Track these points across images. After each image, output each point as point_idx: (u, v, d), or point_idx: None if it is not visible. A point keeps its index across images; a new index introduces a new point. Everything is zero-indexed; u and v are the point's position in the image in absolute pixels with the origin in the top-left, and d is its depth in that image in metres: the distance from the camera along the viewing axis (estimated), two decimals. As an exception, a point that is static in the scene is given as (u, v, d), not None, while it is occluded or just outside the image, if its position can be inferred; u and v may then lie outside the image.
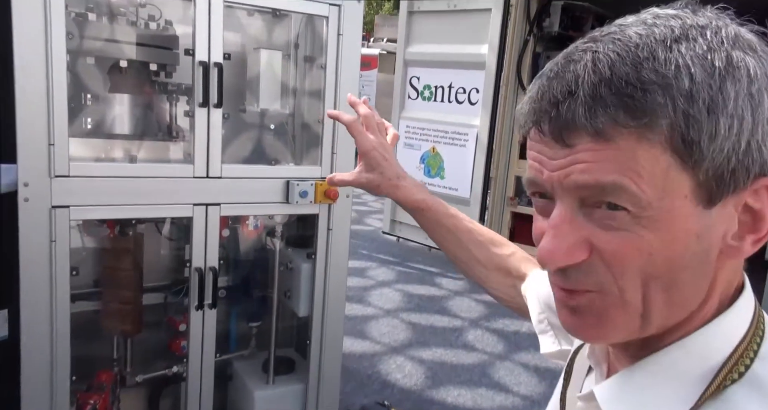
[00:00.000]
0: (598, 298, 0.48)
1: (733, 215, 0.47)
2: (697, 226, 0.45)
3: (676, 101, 0.42)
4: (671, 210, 0.45)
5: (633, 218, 0.45)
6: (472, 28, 4.85)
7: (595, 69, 0.44)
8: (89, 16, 1.83)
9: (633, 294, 0.47)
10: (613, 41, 0.45)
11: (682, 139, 0.43)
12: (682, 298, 0.48)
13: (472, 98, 4.99)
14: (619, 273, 0.46)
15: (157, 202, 1.86)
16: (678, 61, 0.43)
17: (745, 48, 0.45)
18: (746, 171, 0.44)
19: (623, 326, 0.49)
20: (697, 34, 0.45)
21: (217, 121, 1.90)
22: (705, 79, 0.43)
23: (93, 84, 1.92)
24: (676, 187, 0.44)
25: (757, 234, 0.47)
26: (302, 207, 2.12)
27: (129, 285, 1.99)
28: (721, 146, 0.43)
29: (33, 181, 1.63)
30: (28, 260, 1.66)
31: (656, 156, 0.43)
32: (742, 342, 0.49)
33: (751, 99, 0.43)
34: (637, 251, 0.45)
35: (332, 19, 2.05)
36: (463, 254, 0.94)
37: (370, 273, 4.86)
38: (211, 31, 1.84)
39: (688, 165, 0.43)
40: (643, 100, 0.42)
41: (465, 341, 3.71)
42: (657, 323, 0.48)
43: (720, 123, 0.42)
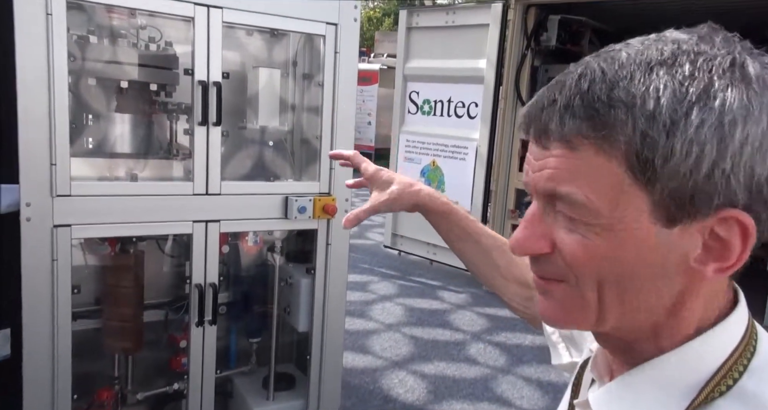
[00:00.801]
0: (560, 288, 0.53)
1: (696, 239, 0.48)
2: (653, 242, 0.47)
3: (637, 120, 0.45)
4: (624, 223, 0.47)
5: (586, 225, 0.49)
6: (471, 43, 4.90)
7: (578, 82, 0.48)
8: (91, 39, 1.87)
9: (589, 292, 0.51)
10: (606, 59, 0.48)
11: (637, 157, 0.45)
12: (636, 305, 0.50)
13: (471, 112, 5.02)
14: (576, 271, 0.51)
15: (157, 219, 1.88)
16: (651, 84, 0.45)
17: (736, 79, 0.45)
18: (709, 198, 0.45)
19: (581, 318, 0.53)
20: (686, 60, 0.46)
21: (216, 139, 1.93)
22: (671, 104, 0.44)
23: (94, 104, 1.95)
24: (631, 202, 0.47)
25: (723, 262, 0.48)
26: (301, 223, 2.14)
27: (130, 303, 2.01)
28: (675, 169, 0.44)
29: (35, 201, 1.65)
30: (30, 279, 1.68)
31: (612, 169, 0.46)
32: (732, 356, 0.50)
33: (719, 129, 0.44)
34: (590, 255, 0.49)
35: (329, 37, 2.08)
36: (484, 260, 0.94)
37: (371, 288, 4.86)
38: (210, 51, 1.87)
39: (642, 182, 0.46)
40: (607, 115, 0.46)
41: (467, 355, 3.70)
42: (612, 322, 0.52)
43: (676, 146, 0.44)
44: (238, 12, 1.90)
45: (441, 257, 5.23)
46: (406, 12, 5.40)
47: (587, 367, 0.64)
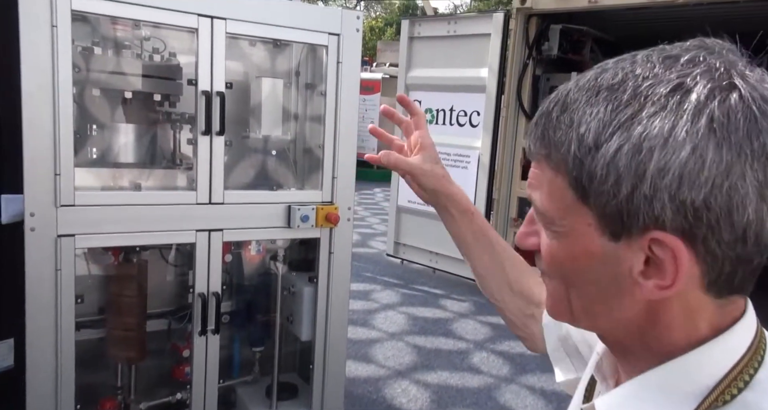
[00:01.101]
0: (547, 282, 0.60)
1: (638, 254, 0.49)
2: (600, 252, 0.51)
3: (571, 142, 0.50)
4: (573, 231, 0.53)
5: (547, 228, 0.56)
6: (472, 52, 4.92)
7: (548, 103, 0.54)
8: (95, 50, 1.89)
9: (560, 290, 0.57)
10: (577, 80, 0.53)
11: (571, 174, 0.50)
12: (598, 309, 0.55)
13: (474, 121, 5.03)
14: (547, 269, 0.57)
15: (160, 228, 1.88)
16: (589, 109, 0.49)
17: (669, 106, 0.46)
18: (636, 218, 0.48)
19: (560, 311, 0.59)
20: (630, 86, 0.48)
21: (219, 149, 1.94)
22: (598, 128, 0.48)
23: (99, 114, 1.96)
24: (577, 213, 0.52)
25: (662, 281, 0.49)
26: (304, 232, 2.15)
27: (133, 312, 2.01)
28: (599, 189, 0.49)
29: (39, 211, 1.66)
30: (34, 289, 1.69)
31: (559, 182, 0.52)
32: (737, 366, 0.51)
33: (636, 154, 0.46)
34: (552, 257, 0.56)
35: (332, 48, 2.10)
36: (497, 271, 0.93)
37: (374, 296, 4.86)
38: (213, 61, 1.89)
39: (578, 196, 0.51)
40: (551, 135, 0.52)
41: (470, 364, 3.68)
42: (584, 323, 0.58)
43: (596, 168, 0.48)
44: (241, 23, 1.92)
45: (443, 265, 5.22)
46: (408, 22, 5.43)
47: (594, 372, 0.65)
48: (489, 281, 0.94)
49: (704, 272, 0.49)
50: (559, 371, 0.82)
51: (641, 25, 4.86)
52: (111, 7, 1.70)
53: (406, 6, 26.86)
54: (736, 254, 0.48)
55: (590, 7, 4.33)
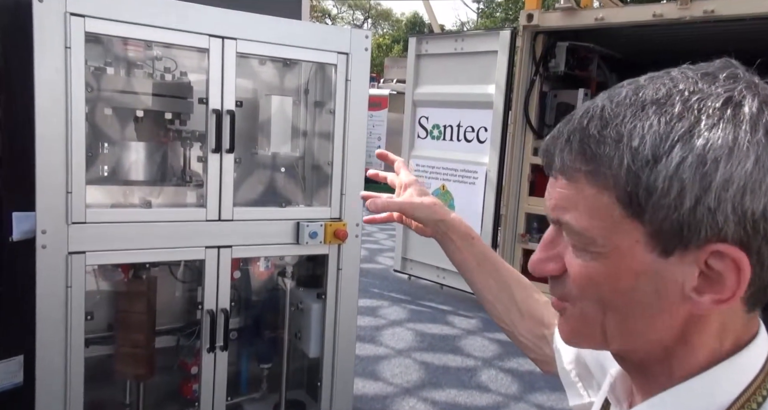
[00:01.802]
0: (570, 308, 0.56)
1: (692, 269, 0.49)
2: (649, 269, 0.49)
3: (624, 155, 0.48)
4: (619, 251, 0.50)
5: (582, 250, 0.52)
6: (479, 69, 4.95)
7: (580, 119, 0.52)
8: (107, 70, 1.92)
9: (592, 313, 0.54)
10: (609, 97, 0.52)
11: (624, 190, 0.48)
12: (640, 330, 0.52)
13: (481, 136, 5.05)
14: (580, 293, 0.54)
15: (170, 245, 1.90)
16: (639, 122, 0.48)
17: (727, 118, 0.47)
18: (697, 231, 0.47)
19: (588, 337, 0.56)
20: (678, 99, 0.48)
21: (229, 166, 1.96)
22: (655, 141, 0.47)
23: (110, 133, 1.99)
24: (624, 230, 0.49)
25: (719, 295, 0.49)
26: (312, 248, 2.15)
27: (142, 329, 2.01)
28: (659, 203, 0.47)
29: (50, 228, 1.68)
30: (44, 306, 1.70)
31: (603, 200, 0.50)
32: (751, 386, 0.51)
33: (700, 166, 0.46)
34: (590, 279, 0.52)
35: (340, 66, 2.12)
36: (503, 294, 0.92)
37: (381, 312, 4.84)
38: (224, 80, 1.91)
39: (632, 214, 0.48)
40: (596, 150, 0.49)
41: (479, 381, 3.65)
42: (619, 343, 0.55)
43: (658, 181, 0.47)
44: (251, 43, 1.95)
45: (451, 281, 5.20)
46: (415, 39, 5.48)
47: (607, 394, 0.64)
48: (497, 305, 0.93)
49: (750, 284, 0.49)
50: (571, 395, 0.82)
51: (647, 43, 4.88)
52: (124, 29, 1.74)
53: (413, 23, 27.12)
54: None
55: (596, 25, 4.36)
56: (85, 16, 1.66)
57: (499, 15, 26.73)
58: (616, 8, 4.78)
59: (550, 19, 4.62)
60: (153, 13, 1.76)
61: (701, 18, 3.84)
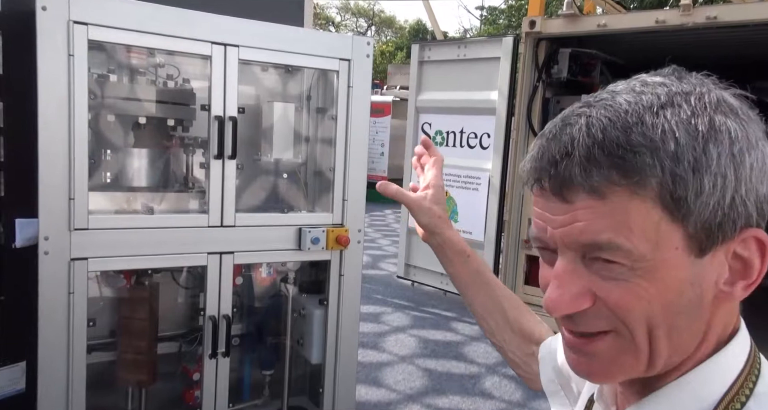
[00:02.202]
0: (607, 341, 0.52)
1: (723, 263, 0.50)
2: (690, 274, 0.49)
3: (664, 162, 0.47)
4: (665, 261, 0.49)
5: (629, 270, 0.49)
6: (482, 75, 4.96)
7: (589, 132, 0.48)
8: (111, 77, 1.93)
9: (640, 338, 0.51)
10: (605, 107, 0.50)
11: (671, 196, 0.47)
12: (681, 342, 0.51)
13: (484, 143, 5.05)
14: (625, 319, 0.50)
15: (172, 251, 1.90)
16: (664, 125, 0.47)
17: (727, 112, 0.49)
18: (733, 223, 0.48)
19: (631, 366, 0.52)
20: (681, 100, 0.49)
21: (231, 172, 1.96)
22: (689, 142, 0.47)
23: (113, 139, 2.00)
24: (667, 239, 0.48)
25: (748, 279, 0.51)
26: (314, 254, 2.16)
27: (144, 335, 2.01)
28: (706, 202, 0.47)
29: (53, 235, 1.68)
30: (47, 312, 1.70)
31: (648, 211, 0.48)
32: (737, 382, 0.52)
33: (732, 159, 0.47)
34: (637, 299, 0.49)
35: (342, 72, 2.13)
36: (495, 311, 0.93)
37: (384, 319, 4.83)
38: (226, 87, 1.92)
39: (678, 219, 0.48)
40: (634, 161, 0.47)
41: (482, 388, 3.63)
42: (660, 365, 0.52)
43: (704, 181, 0.47)
44: (253, 50, 1.96)
45: (454, 288, 5.18)
46: (418, 46, 5.49)
47: (594, 398, 0.64)
48: (488, 321, 0.94)
49: None
50: (553, 403, 0.82)
51: (650, 49, 4.88)
52: (127, 37, 1.75)
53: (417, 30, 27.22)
54: None
55: (599, 31, 4.36)
56: (88, 24, 1.67)
57: (502, 22, 26.81)
58: (619, 15, 4.79)
59: (552, 26, 4.62)
60: (156, 20, 1.77)
61: (704, 24, 3.84)
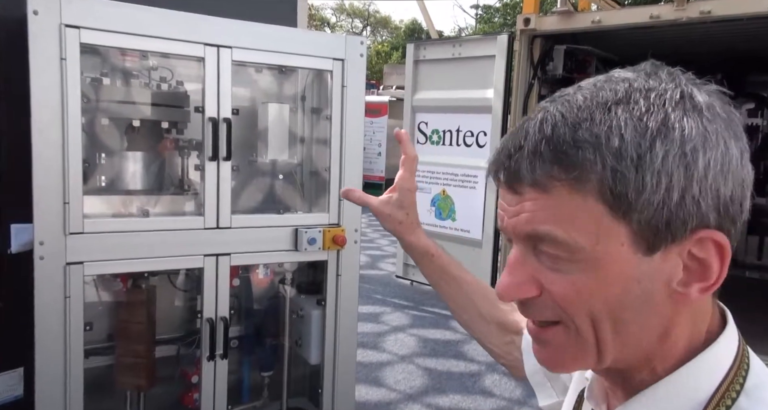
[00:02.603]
0: (556, 331, 0.54)
1: (677, 263, 0.49)
2: (636, 271, 0.49)
3: (606, 158, 0.47)
4: (607, 256, 0.49)
5: (570, 262, 0.50)
6: (477, 74, 4.96)
7: (541, 128, 0.50)
8: (104, 81, 1.93)
9: (585, 331, 0.52)
10: (563, 103, 0.51)
11: (611, 192, 0.47)
12: (631, 337, 0.51)
13: (480, 141, 5.05)
14: (567, 310, 0.51)
15: (168, 254, 1.89)
16: (612, 122, 0.48)
17: (689, 109, 0.48)
18: (683, 223, 0.48)
19: (581, 358, 0.54)
20: (640, 96, 0.49)
21: (226, 174, 1.96)
22: (635, 139, 0.47)
23: (107, 143, 1.99)
24: (610, 235, 0.48)
25: (705, 282, 0.49)
26: (311, 254, 2.15)
27: (142, 339, 2.01)
28: (649, 199, 0.47)
29: (48, 240, 1.68)
30: (43, 317, 1.69)
31: (588, 206, 0.48)
32: (727, 377, 0.51)
33: (683, 157, 0.47)
34: (578, 292, 0.50)
35: (336, 72, 2.12)
36: (467, 305, 0.94)
37: (384, 319, 4.83)
38: (220, 89, 1.92)
39: (619, 215, 0.48)
40: (575, 157, 0.48)
41: (483, 386, 3.64)
42: (611, 357, 0.53)
43: (647, 178, 0.47)
44: (247, 51, 1.95)
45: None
46: (413, 45, 5.50)
47: (584, 396, 0.64)
48: (462, 315, 0.95)
49: None
50: (541, 395, 0.83)
51: (645, 44, 4.88)
52: (119, 40, 1.74)
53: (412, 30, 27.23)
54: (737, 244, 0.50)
55: (593, 28, 4.36)
56: (80, 27, 1.66)
57: (498, 20, 26.83)
58: (613, 11, 4.80)
59: (547, 23, 4.62)
60: (148, 23, 1.77)
61: (698, 19, 3.84)
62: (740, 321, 0.57)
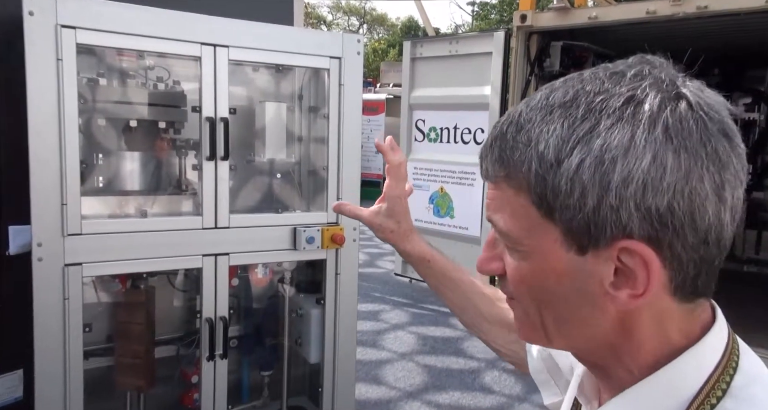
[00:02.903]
0: (517, 307, 0.59)
1: (607, 265, 0.50)
2: (567, 268, 0.51)
3: (531, 160, 0.50)
4: (539, 249, 0.53)
5: (513, 250, 0.55)
6: (474, 70, 4.96)
7: (501, 126, 0.54)
8: (100, 81, 1.92)
9: (531, 311, 0.57)
10: (527, 102, 0.54)
11: (534, 192, 0.51)
12: (574, 328, 0.55)
13: (478, 138, 5.05)
14: (515, 291, 0.57)
15: (167, 254, 1.89)
16: (545, 126, 0.50)
17: (624, 117, 0.47)
18: (603, 229, 0.48)
19: (532, 334, 0.58)
20: (582, 101, 0.49)
21: (224, 173, 1.96)
22: (557, 144, 0.49)
23: (104, 143, 1.99)
24: (543, 231, 0.52)
25: (634, 290, 0.50)
26: (310, 253, 2.15)
27: (142, 339, 2.01)
28: (565, 203, 0.49)
29: (46, 241, 1.67)
30: (42, 319, 1.69)
31: (521, 201, 0.52)
32: (713, 375, 0.51)
33: (599, 165, 0.47)
34: (519, 277, 0.55)
35: (333, 71, 2.12)
36: (468, 306, 0.95)
37: (383, 316, 4.83)
38: (217, 88, 1.91)
39: (543, 213, 0.50)
40: (510, 156, 0.52)
41: (482, 383, 3.64)
42: (561, 342, 0.57)
43: (561, 183, 0.48)
44: (243, 50, 1.95)
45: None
46: (410, 43, 5.49)
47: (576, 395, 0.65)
48: (464, 316, 0.96)
49: (671, 277, 0.50)
50: (545, 393, 0.83)
51: (642, 40, 4.87)
52: (115, 40, 1.74)
53: (409, 27, 27.20)
54: (699, 256, 0.49)
55: (590, 24, 4.36)
56: (76, 27, 1.65)
57: (494, 17, 26.80)
58: (610, 7, 4.79)
59: (543, 19, 4.62)
60: (144, 22, 1.76)
61: (695, 14, 3.84)
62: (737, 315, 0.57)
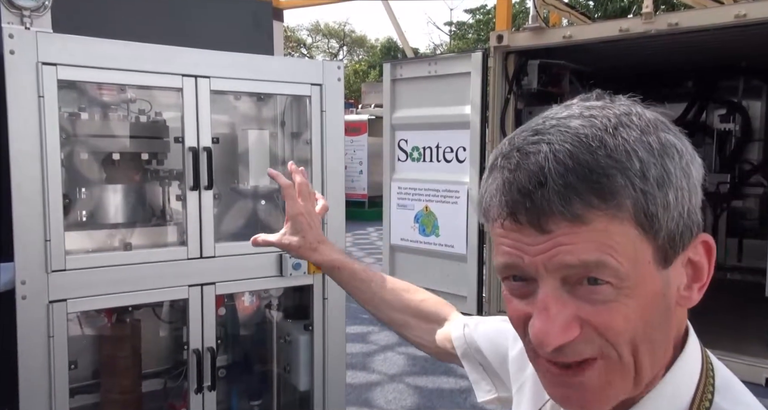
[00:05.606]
0: (602, 365, 0.51)
1: (681, 270, 0.53)
2: (661, 286, 0.51)
3: (634, 181, 0.48)
4: (642, 277, 0.50)
5: (615, 289, 0.49)
6: (454, 90, 5.03)
7: (557, 159, 0.48)
8: (82, 115, 1.92)
9: (627, 359, 0.51)
10: (562, 133, 0.50)
11: (644, 213, 0.49)
12: (659, 355, 0.54)
13: (460, 156, 5.10)
14: (615, 341, 0.50)
15: (152, 286, 1.88)
16: (625, 146, 0.49)
17: (665, 128, 0.52)
18: (690, 232, 0.52)
19: (622, 388, 0.52)
20: (627, 120, 0.51)
21: (208, 203, 1.96)
22: (649, 159, 0.49)
23: (87, 177, 1.98)
24: (642, 255, 0.50)
25: (700, 282, 0.54)
26: (296, 279, 2.15)
27: (128, 374, 1.98)
28: (671, 214, 0.50)
29: (30, 279, 1.65)
30: (27, 357, 1.66)
31: (626, 231, 0.49)
32: (701, 380, 0.55)
33: (684, 171, 0.50)
34: (624, 319, 0.50)
35: (314, 97, 2.14)
36: (378, 302, 0.98)
37: (371, 338, 4.81)
38: (199, 118, 1.92)
39: (650, 234, 0.50)
40: (608, 184, 0.48)
41: (473, 402, 3.63)
42: (645, 381, 0.53)
43: (669, 195, 0.49)
44: (225, 80, 1.96)
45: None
46: (389, 65, 5.56)
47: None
48: (380, 315, 1.00)
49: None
50: (479, 391, 0.87)
51: (616, 57, 4.99)
52: (96, 75, 1.74)
53: (388, 48, 27.48)
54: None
55: (565, 42, 4.46)
56: (57, 64, 1.66)
57: (471, 36, 27.19)
58: (584, 25, 4.90)
59: (519, 39, 4.71)
60: (125, 57, 1.77)
61: (666, 31, 3.94)
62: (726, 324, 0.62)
